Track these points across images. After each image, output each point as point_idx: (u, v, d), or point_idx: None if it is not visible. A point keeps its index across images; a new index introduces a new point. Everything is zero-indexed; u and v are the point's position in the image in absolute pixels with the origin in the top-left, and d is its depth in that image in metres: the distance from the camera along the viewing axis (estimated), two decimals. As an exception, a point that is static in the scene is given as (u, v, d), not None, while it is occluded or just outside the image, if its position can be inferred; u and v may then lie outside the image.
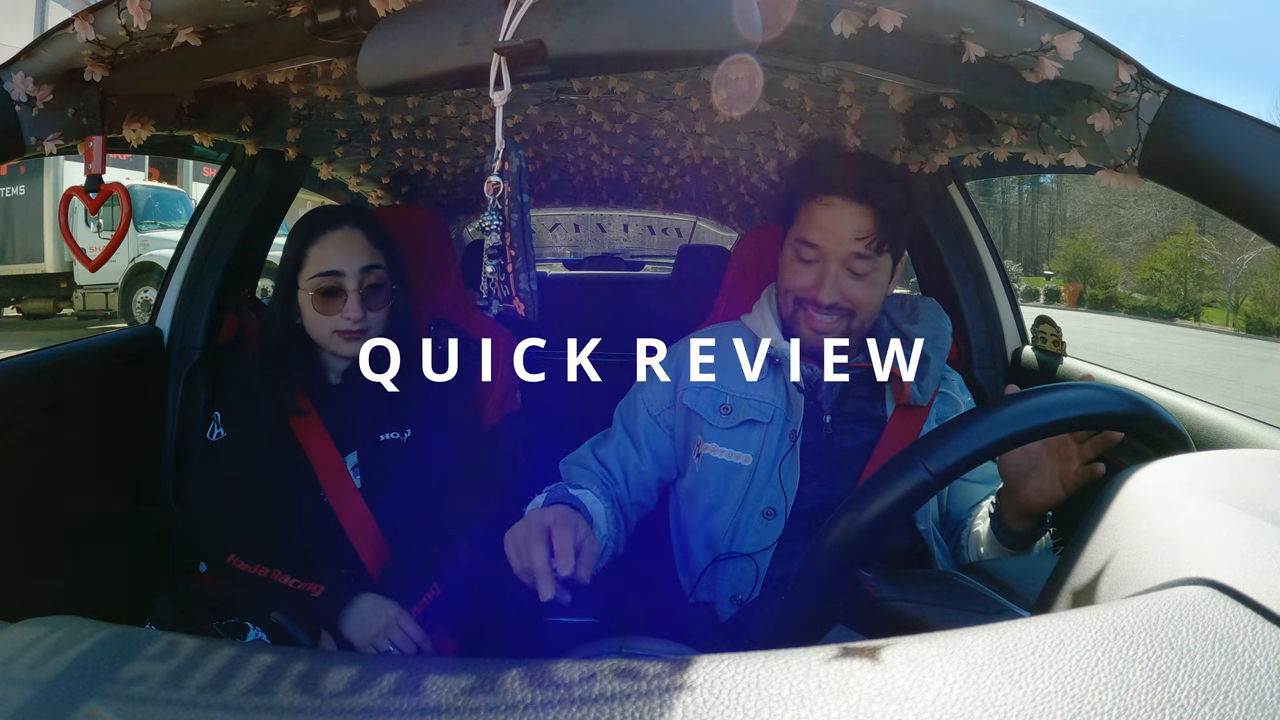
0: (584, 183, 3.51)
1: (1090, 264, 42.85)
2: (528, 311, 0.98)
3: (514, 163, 0.96)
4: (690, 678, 0.42)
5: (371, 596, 1.59)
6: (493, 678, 0.43)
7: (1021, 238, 61.30)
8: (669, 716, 0.39)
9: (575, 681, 0.42)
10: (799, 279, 1.57)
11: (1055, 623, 0.46)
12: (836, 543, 1.00)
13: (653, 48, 0.98)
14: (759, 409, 1.62)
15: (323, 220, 1.76)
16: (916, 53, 1.18)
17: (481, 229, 0.96)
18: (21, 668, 0.48)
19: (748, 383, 1.64)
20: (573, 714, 0.40)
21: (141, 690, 0.46)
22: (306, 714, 0.43)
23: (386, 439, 1.75)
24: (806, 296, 1.57)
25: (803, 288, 1.57)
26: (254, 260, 2.36)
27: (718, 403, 1.64)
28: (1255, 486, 0.59)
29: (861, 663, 0.42)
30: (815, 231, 1.55)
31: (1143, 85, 1.10)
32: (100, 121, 1.36)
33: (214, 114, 1.71)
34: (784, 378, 1.62)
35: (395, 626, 1.56)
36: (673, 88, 1.89)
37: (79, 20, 1.18)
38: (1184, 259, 37.18)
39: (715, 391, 1.65)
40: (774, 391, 1.62)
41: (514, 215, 0.96)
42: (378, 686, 0.44)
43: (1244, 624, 0.44)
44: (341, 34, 1.14)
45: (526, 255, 0.97)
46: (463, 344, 1.98)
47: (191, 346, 2.16)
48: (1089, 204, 49.48)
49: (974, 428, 0.98)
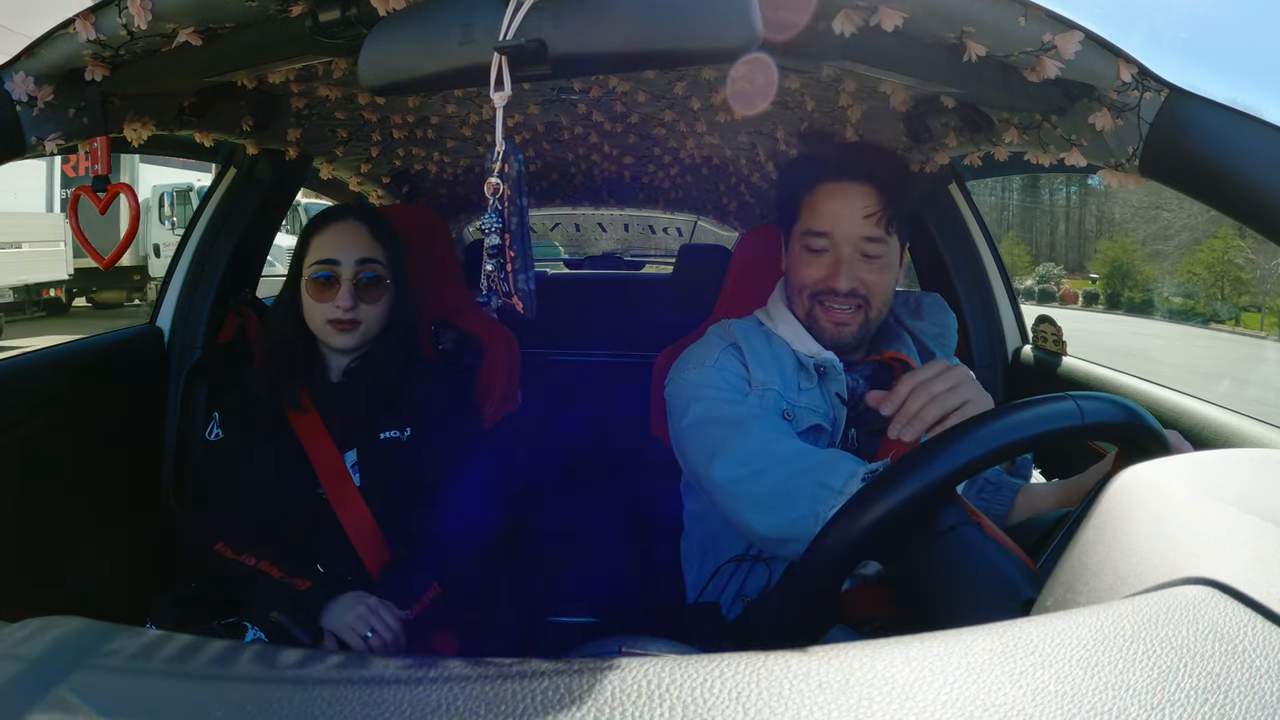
0: (585, 182, 3.52)
1: (1129, 267, 42.66)
2: (525, 309, 0.99)
3: (513, 166, 0.96)
4: (691, 677, 0.42)
5: (353, 590, 1.59)
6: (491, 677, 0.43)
7: (1069, 240, 61.00)
8: (669, 716, 0.39)
9: (575, 681, 0.42)
10: (813, 271, 1.56)
11: (1055, 622, 0.46)
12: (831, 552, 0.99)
13: (654, 47, 0.98)
14: (819, 416, 1.56)
15: (329, 213, 1.79)
16: (917, 52, 1.18)
17: (481, 230, 0.97)
18: (20, 667, 0.48)
19: (797, 390, 1.58)
20: (572, 714, 0.40)
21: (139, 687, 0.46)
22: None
23: (386, 438, 1.75)
24: (823, 288, 1.55)
25: (818, 279, 1.55)
26: (255, 260, 2.36)
27: (781, 408, 1.57)
28: (1256, 486, 0.59)
29: (861, 662, 0.42)
30: (823, 219, 1.53)
31: (1144, 84, 1.10)
32: (101, 121, 1.36)
33: (215, 113, 1.71)
34: (828, 388, 1.58)
35: (373, 613, 1.56)
36: (673, 87, 1.89)
37: (80, 20, 1.18)
38: (1220, 263, 36.90)
39: (778, 396, 1.58)
40: (822, 401, 1.58)
41: (513, 218, 0.96)
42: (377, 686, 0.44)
43: (1244, 623, 0.44)
44: (342, 33, 1.14)
45: (525, 256, 0.98)
46: (464, 344, 1.98)
47: (192, 346, 2.16)
48: (1134, 206, 48.91)
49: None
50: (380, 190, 3.06)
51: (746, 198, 3.42)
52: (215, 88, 1.61)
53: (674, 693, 0.41)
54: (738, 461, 1.44)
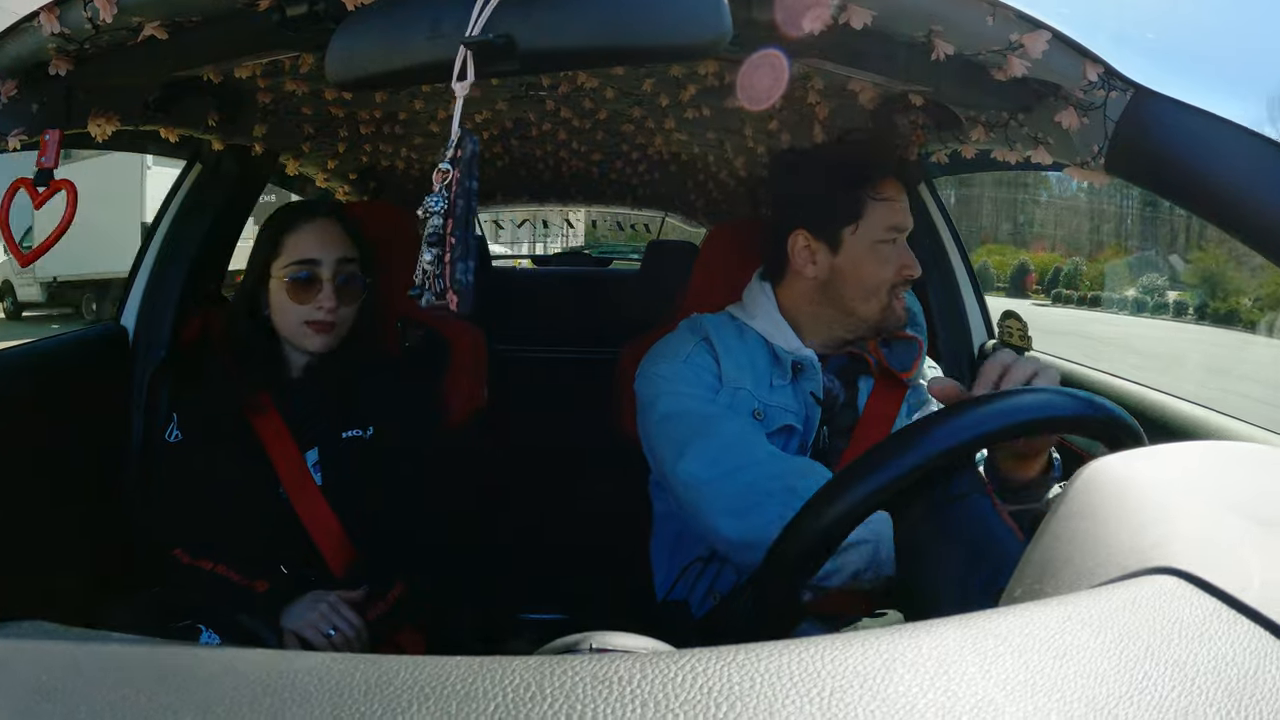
0: (552, 179, 3.51)
1: (1219, 277, 42.46)
2: (461, 305, 0.95)
3: (467, 149, 0.94)
4: (661, 672, 0.42)
5: (312, 590, 1.58)
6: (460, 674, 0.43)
7: (1189, 251, 61.14)
8: (638, 711, 0.39)
9: (545, 677, 0.42)
10: (891, 264, 1.57)
11: (1024, 612, 0.46)
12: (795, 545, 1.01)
13: (623, 43, 0.98)
14: (791, 415, 1.56)
15: (301, 210, 1.76)
16: (886, 50, 1.18)
17: (423, 211, 0.94)
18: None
19: (769, 388, 1.58)
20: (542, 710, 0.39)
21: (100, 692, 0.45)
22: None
23: (349, 436, 1.73)
24: (902, 278, 1.58)
25: (899, 268, 1.57)
26: (220, 257, 2.32)
27: (751, 407, 1.56)
28: (1222, 477, 0.60)
29: (832, 655, 0.42)
30: (896, 214, 1.58)
31: (1109, 84, 1.11)
32: (64, 116, 1.34)
33: (180, 108, 1.68)
34: (803, 386, 1.58)
35: (334, 611, 1.55)
36: (642, 84, 1.89)
37: (44, 13, 1.16)
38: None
39: (749, 395, 1.57)
40: (795, 399, 1.57)
41: (459, 200, 0.93)
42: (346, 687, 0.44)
43: (1211, 612, 0.44)
44: (309, 28, 1.13)
45: (466, 244, 0.94)
46: (430, 341, 1.96)
47: (157, 345, 2.12)
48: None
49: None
50: (347, 187, 3.03)
51: (714, 194, 3.43)
52: (181, 82, 1.59)
53: (645, 688, 0.40)
54: (707, 461, 1.44)
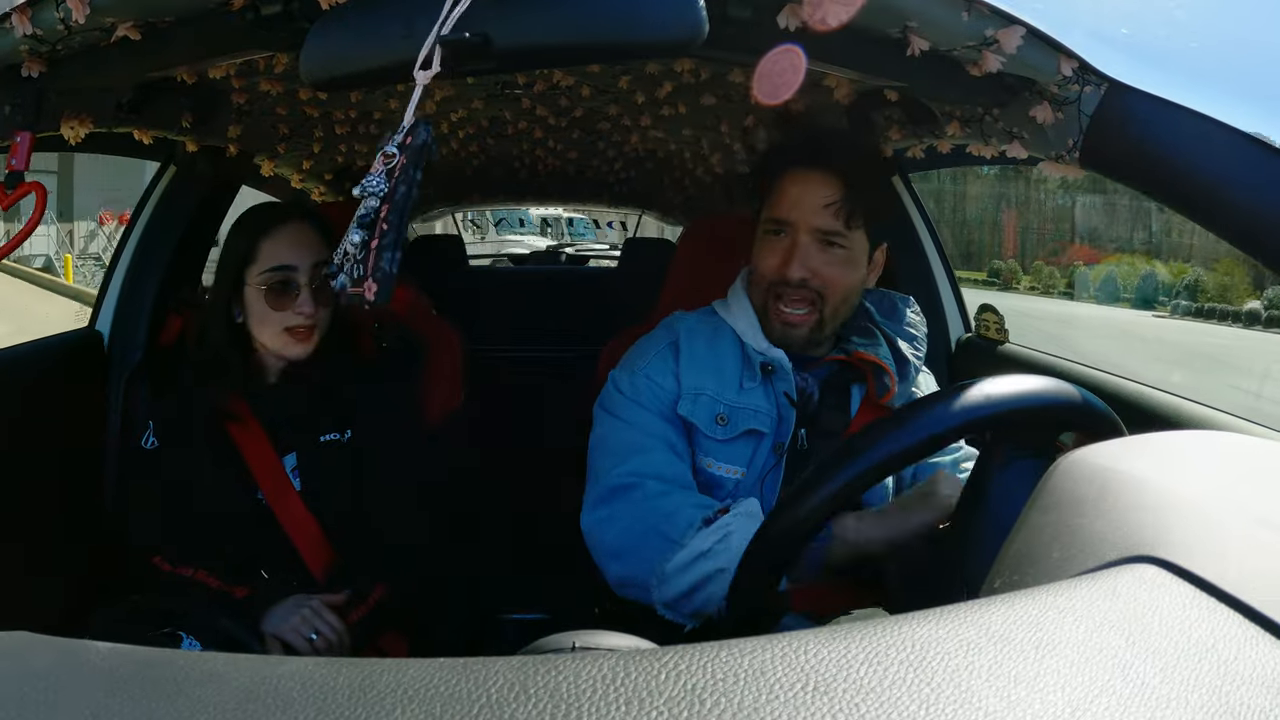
0: (529, 178, 3.51)
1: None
2: (378, 295, 0.91)
3: (419, 138, 0.92)
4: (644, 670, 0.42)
5: (294, 594, 1.58)
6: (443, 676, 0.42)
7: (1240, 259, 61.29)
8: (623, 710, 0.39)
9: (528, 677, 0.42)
10: (770, 259, 1.50)
11: (1004, 603, 0.46)
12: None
13: (598, 40, 0.98)
14: (758, 419, 1.51)
15: (274, 214, 1.71)
16: (861, 46, 1.19)
17: (360, 192, 0.91)
18: None
19: (738, 390, 1.52)
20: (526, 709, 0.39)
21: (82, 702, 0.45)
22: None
23: (326, 440, 1.71)
24: (777, 277, 1.49)
25: (773, 267, 1.49)
26: (196, 259, 2.30)
27: (714, 412, 1.52)
28: (1200, 467, 0.61)
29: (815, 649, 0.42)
30: (783, 206, 1.49)
31: (1084, 79, 1.12)
32: (36, 119, 1.32)
33: (154, 110, 1.66)
34: (775, 387, 1.52)
35: (316, 615, 1.54)
36: (618, 81, 1.89)
37: (16, 15, 1.15)
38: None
39: (711, 400, 1.52)
40: (766, 400, 1.52)
41: (401, 186, 0.91)
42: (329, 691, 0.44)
43: (1191, 600, 0.45)
44: (284, 27, 1.12)
45: (398, 233, 0.91)
46: (407, 342, 1.95)
47: (133, 349, 2.10)
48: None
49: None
50: (323, 187, 3.01)
51: (690, 191, 3.43)
52: (154, 83, 1.57)
53: (628, 686, 0.40)
54: (597, 499, 1.48)
